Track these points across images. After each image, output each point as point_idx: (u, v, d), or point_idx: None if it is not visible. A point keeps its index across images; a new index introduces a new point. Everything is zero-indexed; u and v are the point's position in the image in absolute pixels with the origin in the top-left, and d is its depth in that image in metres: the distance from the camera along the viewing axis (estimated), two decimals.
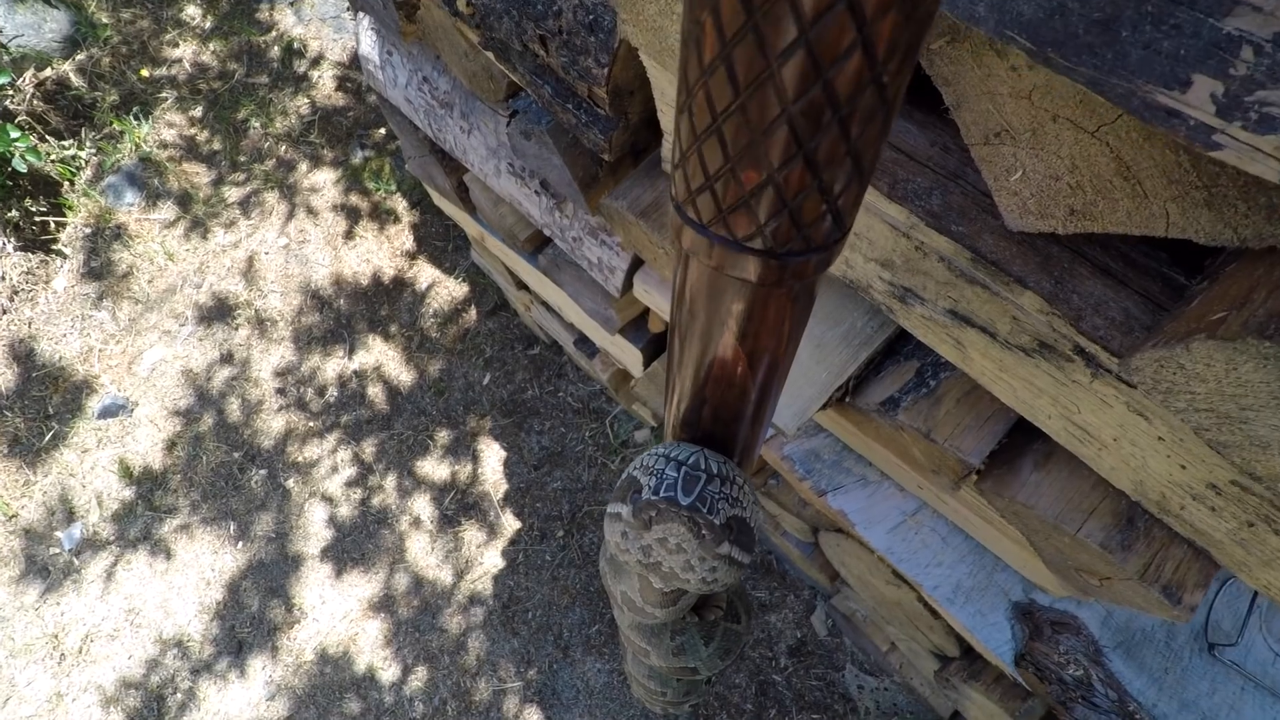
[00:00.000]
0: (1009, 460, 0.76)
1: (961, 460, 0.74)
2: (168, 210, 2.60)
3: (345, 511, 2.23)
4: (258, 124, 2.72)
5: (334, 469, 2.29)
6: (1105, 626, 0.93)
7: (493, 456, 2.25)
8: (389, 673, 2.04)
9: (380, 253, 2.55)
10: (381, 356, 2.41)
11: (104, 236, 2.55)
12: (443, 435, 2.29)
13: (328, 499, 2.25)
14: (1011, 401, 0.69)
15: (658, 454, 0.48)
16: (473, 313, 2.45)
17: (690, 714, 1.91)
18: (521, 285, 1.99)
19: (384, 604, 2.11)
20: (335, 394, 2.38)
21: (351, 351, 2.42)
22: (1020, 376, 0.65)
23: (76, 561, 2.23)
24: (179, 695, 2.08)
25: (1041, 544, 0.76)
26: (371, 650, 2.07)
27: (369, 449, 2.30)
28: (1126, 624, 0.93)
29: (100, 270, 2.51)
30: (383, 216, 2.59)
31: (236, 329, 2.46)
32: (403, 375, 2.38)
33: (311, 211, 2.61)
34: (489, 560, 2.13)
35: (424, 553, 2.16)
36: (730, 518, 0.45)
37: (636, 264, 1.14)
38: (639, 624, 0.70)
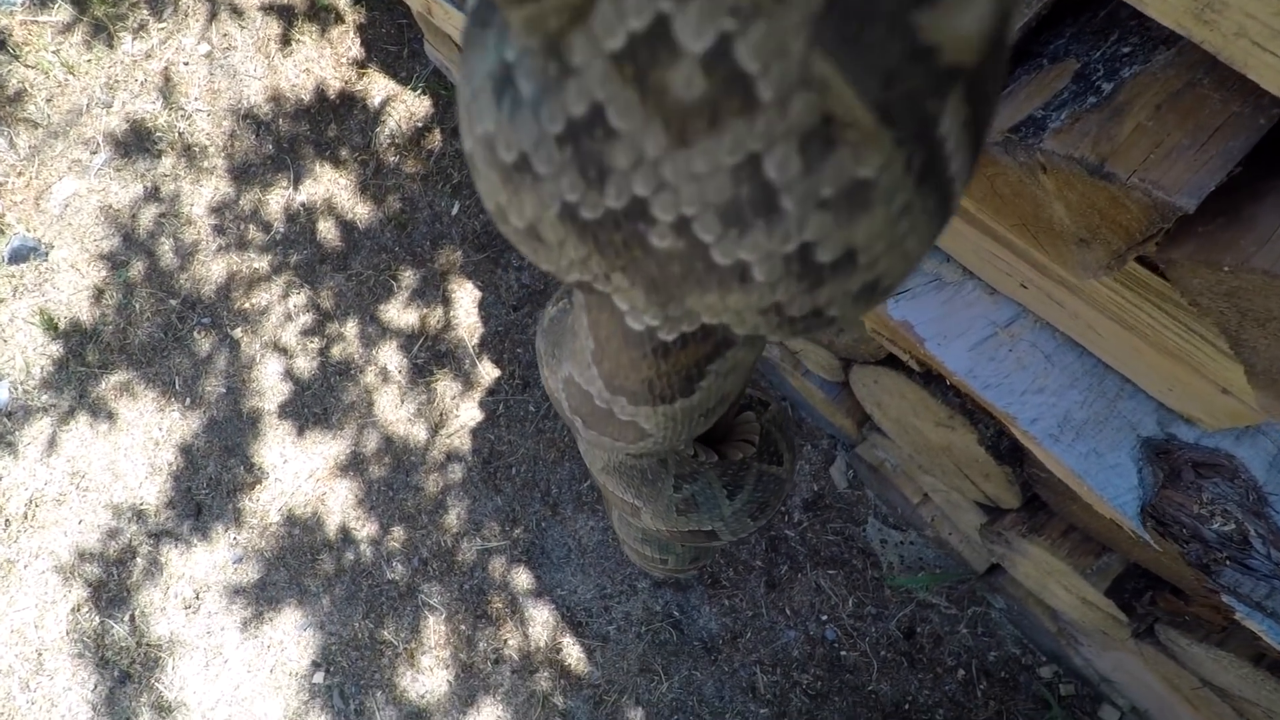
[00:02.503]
0: (1227, 209, 0.47)
1: (1161, 205, 0.45)
2: (60, 11, 2.15)
3: (303, 363, 1.98)
4: None
5: (287, 316, 2.01)
6: (1274, 468, 0.68)
7: (466, 297, 1.97)
8: (363, 534, 1.86)
9: (323, 61, 2.14)
10: (332, 186, 2.07)
11: None
12: (408, 275, 2.00)
13: (282, 350, 1.99)
14: None
15: None
16: (436, 132, 2.08)
17: (694, 573, 1.75)
18: None
19: (353, 462, 1.90)
20: (282, 231, 2.06)
21: (297, 181, 2.08)
22: None
23: (8, 423, 2.00)
24: (139, 560, 1.91)
25: (1264, 344, 0.48)
26: (342, 511, 1.88)
27: (325, 293, 2.01)
28: None
29: None
30: (322, 16, 2.16)
31: (160, 157, 2.10)
32: (358, 207, 2.05)
33: (236, 11, 2.17)
34: (466, 413, 1.89)
35: (393, 406, 1.93)
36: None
37: None
38: (621, 464, 0.43)
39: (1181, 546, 0.72)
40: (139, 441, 1.98)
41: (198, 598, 1.89)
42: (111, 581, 1.91)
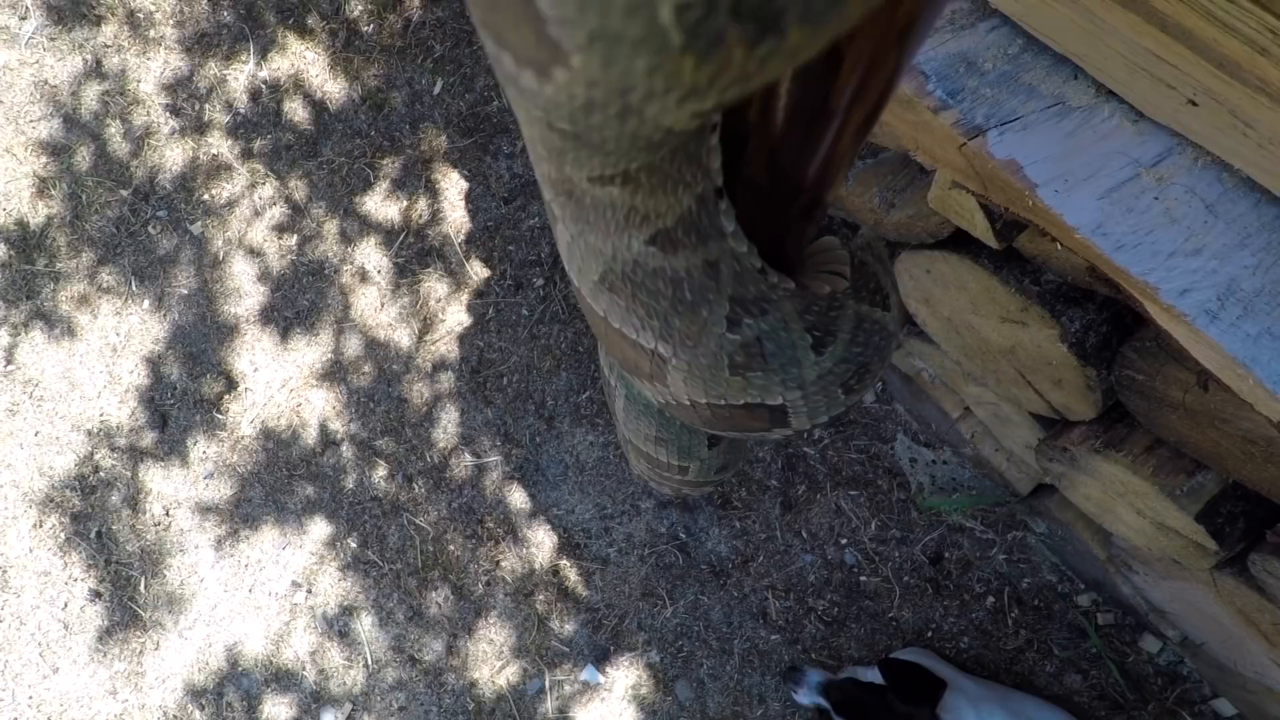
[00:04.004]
0: None
1: None
2: None
3: (272, 262, 1.78)
4: None
5: (253, 210, 1.80)
6: None
7: (451, 188, 1.75)
8: (343, 448, 1.71)
9: None
10: (298, 60, 1.82)
11: None
12: (386, 163, 1.78)
13: (248, 247, 1.79)
14: None
15: None
16: None
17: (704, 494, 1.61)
18: None
19: (330, 371, 1.74)
20: (243, 112, 1.82)
21: (261, 55, 1.83)
22: None
23: None
24: (103, 474, 1.77)
25: None
26: (320, 424, 1.72)
27: (294, 183, 1.79)
28: None
29: None
30: None
31: (99, 24, 1.85)
32: (328, 85, 1.81)
33: None
34: (453, 317, 1.71)
35: (373, 310, 1.74)
36: None
37: None
38: (639, 267, 0.25)
39: None
40: (95, 348, 1.80)
41: (168, 514, 1.75)
42: (75, 497, 1.78)
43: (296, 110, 1.81)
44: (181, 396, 1.77)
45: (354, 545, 1.67)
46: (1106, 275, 0.57)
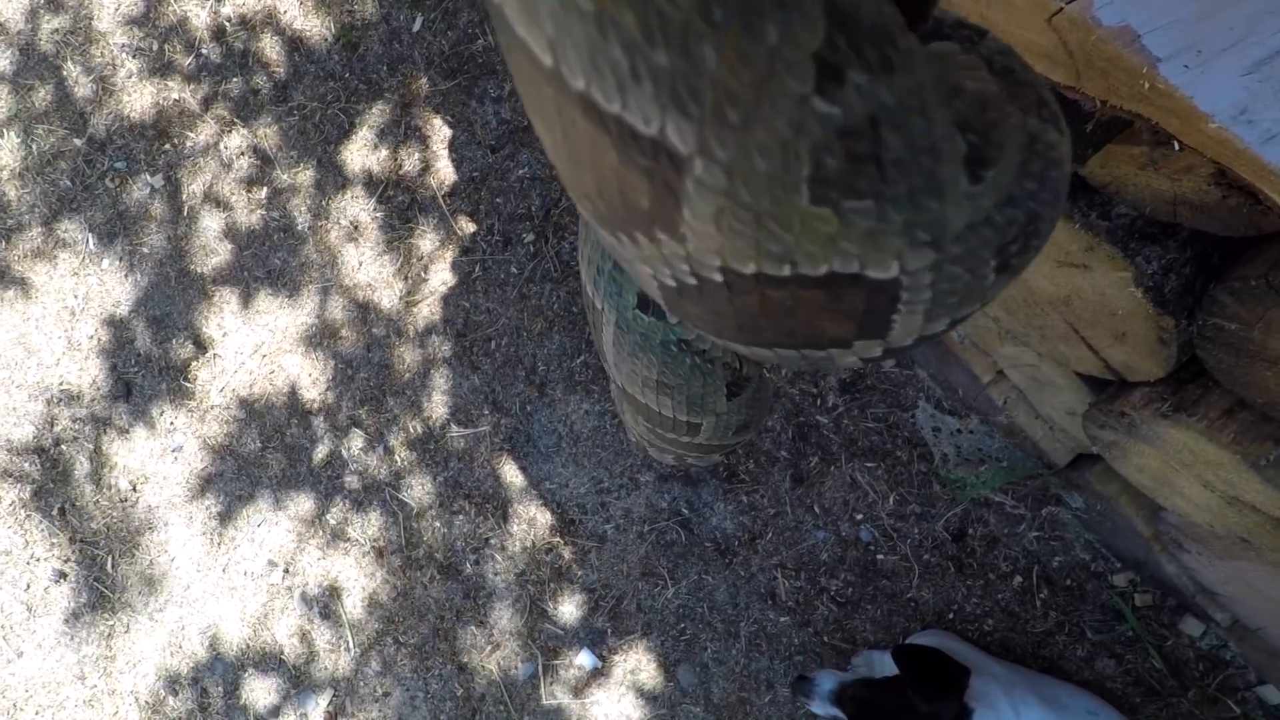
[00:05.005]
0: None
1: None
2: None
3: (241, 218, 1.65)
4: None
5: (219, 161, 1.66)
6: None
7: (433, 136, 1.61)
8: (319, 419, 1.59)
9: None
10: None
11: None
12: (361, 109, 1.63)
13: (214, 201, 1.65)
14: None
15: None
16: None
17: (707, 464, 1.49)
18: None
19: (305, 335, 1.61)
20: (208, 53, 1.67)
21: None
22: None
23: None
24: (64, 447, 1.65)
25: None
26: (294, 392, 1.60)
27: (263, 131, 1.65)
28: None
29: None
30: None
31: None
32: (298, 22, 1.66)
33: None
34: (436, 276, 1.58)
35: (350, 269, 1.61)
36: None
37: None
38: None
39: None
40: (52, 311, 1.68)
41: (134, 489, 1.64)
42: (35, 471, 1.66)
43: (264, 50, 1.66)
44: (146, 363, 1.65)
45: (332, 522, 1.56)
46: (1243, 181, 0.44)
